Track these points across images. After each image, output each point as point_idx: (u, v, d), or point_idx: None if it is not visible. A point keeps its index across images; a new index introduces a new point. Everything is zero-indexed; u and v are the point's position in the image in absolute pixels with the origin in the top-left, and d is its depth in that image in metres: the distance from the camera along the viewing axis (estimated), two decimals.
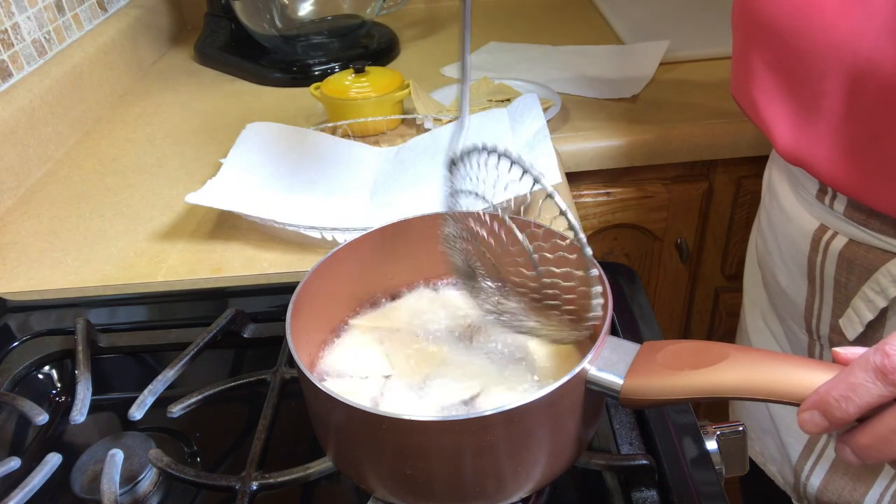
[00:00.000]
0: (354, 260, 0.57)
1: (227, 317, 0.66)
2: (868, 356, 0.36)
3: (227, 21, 1.28)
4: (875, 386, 0.36)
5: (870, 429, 0.37)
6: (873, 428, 0.37)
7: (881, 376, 0.35)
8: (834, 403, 0.37)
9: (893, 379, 0.35)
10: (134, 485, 0.54)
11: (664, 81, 1.09)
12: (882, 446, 0.37)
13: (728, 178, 1.04)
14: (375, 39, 1.29)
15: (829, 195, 0.62)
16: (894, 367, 0.35)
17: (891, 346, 0.35)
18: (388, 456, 0.45)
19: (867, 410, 0.36)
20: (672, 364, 0.43)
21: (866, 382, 0.36)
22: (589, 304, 0.44)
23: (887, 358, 0.35)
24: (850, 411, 0.36)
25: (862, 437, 0.37)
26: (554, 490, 0.53)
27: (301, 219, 0.74)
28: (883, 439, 0.36)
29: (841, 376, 0.37)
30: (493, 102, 1.00)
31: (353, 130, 0.95)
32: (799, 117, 0.59)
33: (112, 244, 0.82)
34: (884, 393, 0.36)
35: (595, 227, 1.05)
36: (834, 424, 0.37)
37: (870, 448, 0.37)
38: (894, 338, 0.36)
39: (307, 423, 0.52)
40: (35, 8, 1.03)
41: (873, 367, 0.36)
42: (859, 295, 0.62)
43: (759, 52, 0.61)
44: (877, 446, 0.37)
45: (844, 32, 0.53)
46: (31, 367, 0.67)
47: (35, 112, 0.97)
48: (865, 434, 0.37)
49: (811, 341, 0.71)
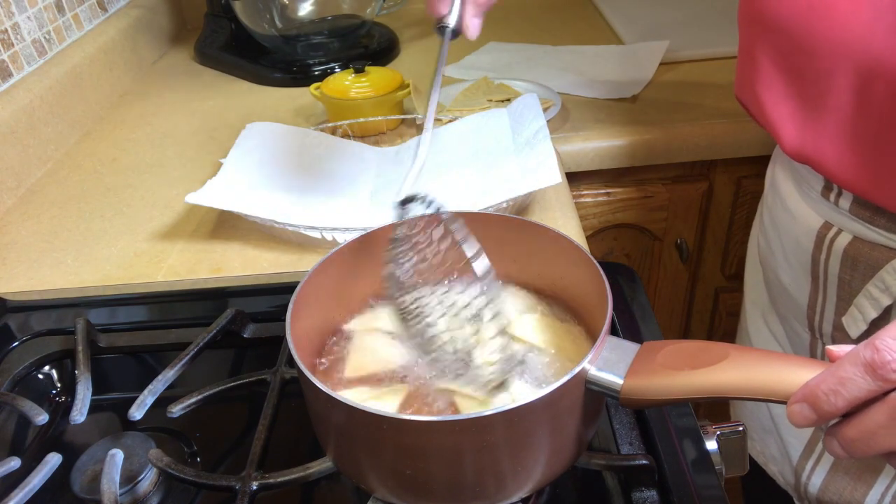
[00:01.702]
0: (354, 260, 0.57)
1: (227, 317, 0.65)
2: (858, 351, 0.36)
3: (227, 21, 1.28)
4: (864, 380, 0.36)
5: (857, 423, 0.37)
6: (860, 422, 0.37)
7: (870, 371, 0.35)
8: (822, 397, 0.37)
9: (882, 374, 0.35)
10: (134, 485, 0.54)
11: (664, 81, 1.09)
12: (868, 440, 0.37)
13: (728, 178, 1.04)
14: (375, 39, 1.29)
15: (835, 192, 0.62)
16: (884, 362, 0.35)
17: (881, 341, 0.35)
18: (388, 456, 0.45)
19: (855, 404, 0.37)
20: (672, 364, 0.43)
21: (855, 377, 0.36)
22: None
23: (877, 353, 0.35)
24: (839, 405, 0.37)
25: (849, 430, 0.37)
26: (554, 490, 0.53)
27: (301, 219, 0.74)
28: (870, 433, 0.36)
29: (831, 370, 0.37)
30: (493, 102, 1.00)
31: (353, 130, 0.95)
32: (806, 115, 0.59)
33: (112, 244, 0.82)
34: (872, 388, 0.36)
35: (595, 227, 1.05)
36: (822, 418, 0.37)
37: (856, 441, 0.37)
38: (885, 333, 0.36)
39: (307, 423, 0.52)
40: (35, 8, 1.03)
41: (863, 362, 0.36)
42: (863, 293, 0.62)
43: (766, 51, 0.61)
44: (863, 440, 0.37)
45: (854, 31, 0.53)
46: (31, 367, 0.67)
47: (35, 112, 0.97)
48: (852, 428, 0.37)
49: (813, 340, 0.71)
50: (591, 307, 0.53)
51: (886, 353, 0.35)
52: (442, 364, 0.49)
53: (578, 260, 0.53)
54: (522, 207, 0.80)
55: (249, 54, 1.25)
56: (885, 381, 0.35)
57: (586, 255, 0.52)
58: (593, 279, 0.51)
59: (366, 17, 1.25)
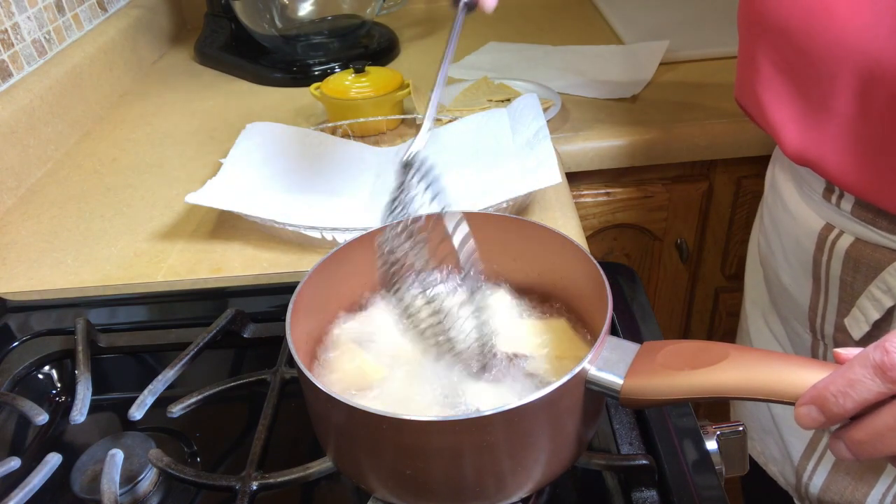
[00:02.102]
0: (354, 260, 0.57)
1: (227, 317, 0.65)
2: (868, 353, 0.36)
3: (227, 21, 1.28)
4: (874, 382, 0.36)
5: (865, 425, 0.37)
6: (869, 424, 0.37)
7: (880, 373, 0.35)
8: (831, 399, 0.37)
9: (892, 376, 0.35)
10: (134, 485, 0.54)
11: (664, 81, 1.09)
12: (877, 443, 0.37)
13: (728, 178, 1.04)
14: (375, 39, 1.29)
15: (836, 194, 0.62)
16: (893, 364, 0.35)
17: (891, 343, 0.35)
18: (388, 456, 0.45)
19: (864, 407, 0.36)
20: (672, 364, 0.43)
21: (865, 379, 0.36)
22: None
23: (887, 355, 0.35)
24: (848, 407, 0.36)
25: (857, 432, 0.37)
26: (554, 490, 0.53)
27: (301, 219, 0.74)
28: (878, 436, 0.36)
29: (840, 372, 0.37)
30: (493, 102, 1.00)
31: (353, 130, 0.95)
32: (807, 118, 0.59)
33: (112, 244, 0.82)
34: (882, 390, 0.36)
35: (595, 227, 1.05)
36: (830, 420, 0.37)
37: (864, 444, 0.37)
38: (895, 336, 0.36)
39: (307, 423, 0.52)
40: (35, 8, 1.03)
41: (872, 364, 0.36)
42: (865, 294, 0.62)
43: (767, 54, 0.61)
44: (871, 442, 0.37)
45: (855, 33, 0.52)
46: (31, 367, 0.67)
47: (35, 112, 0.97)
48: (860, 430, 0.37)
49: (815, 341, 0.71)
50: (591, 307, 0.53)
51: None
52: (435, 350, 0.50)
53: (578, 260, 0.53)
54: (522, 207, 0.80)
55: (249, 54, 1.25)
56: (894, 383, 0.35)
57: (586, 255, 0.52)
58: (593, 279, 0.51)
59: (366, 17, 1.25)
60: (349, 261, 0.57)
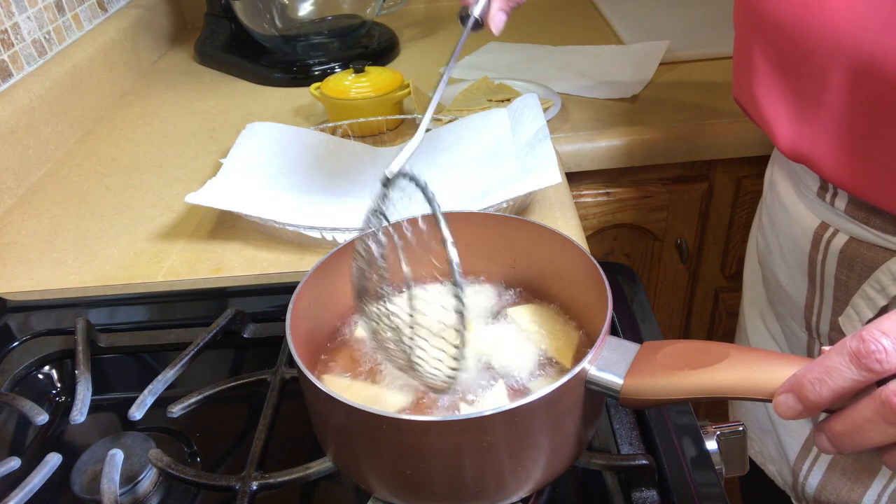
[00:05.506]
0: None
1: (227, 317, 0.66)
2: (845, 341, 0.36)
3: (227, 21, 1.28)
4: (849, 370, 0.36)
5: (844, 417, 0.37)
6: (847, 416, 0.37)
7: (855, 360, 0.36)
8: (808, 386, 0.37)
9: (866, 363, 0.35)
10: (134, 485, 0.54)
11: (664, 81, 1.09)
12: (856, 434, 0.37)
13: (728, 178, 1.04)
14: (375, 39, 1.29)
15: (831, 192, 0.62)
16: (868, 351, 0.35)
17: (868, 332, 0.36)
18: (388, 456, 0.45)
19: (841, 395, 0.37)
20: (672, 364, 0.43)
21: (841, 366, 0.36)
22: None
23: (863, 343, 0.35)
24: (824, 394, 0.37)
25: (836, 424, 0.38)
26: (554, 490, 0.53)
27: (301, 219, 0.74)
28: (856, 427, 0.36)
29: (818, 360, 0.37)
30: (493, 102, 1.00)
31: (353, 130, 0.95)
32: (801, 113, 0.59)
33: (112, 244, 0.82)
34: (857, 377, 0.36)
35: (595, 227, 1.05)
36: (808, 409, 0.37)
37: (843, 436, 0.37)
38: (874, 325, 0.36)
39: (307, 423, 0.52)
40: (35, 8, 1.03)
41: (849, 352, 0.36)
42: (859, 293, 0.62)
43: (761, 49, 0.61)
44: (850, 434, 0.37)
45: (847, 27, 0.52)
46: (31, 367, 0.67)
47: (35, 112, 0.97)
48: (840, 422, 0.37)
49: (811, 340, 0.71)
50: (591, 307, 0.53)
51: (871, 343, 0.35)
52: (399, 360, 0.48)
53: (578, 260, 0.53)
54: (522, 207, 0.80)
55: (249, 54, 1.25)
56: (868, 370, 0.35)
57: (586, 255, 0.53)
58: (593, 279, 0.51)
59: (366, 17, 1.25)
60: (349, 261, 0.56)
